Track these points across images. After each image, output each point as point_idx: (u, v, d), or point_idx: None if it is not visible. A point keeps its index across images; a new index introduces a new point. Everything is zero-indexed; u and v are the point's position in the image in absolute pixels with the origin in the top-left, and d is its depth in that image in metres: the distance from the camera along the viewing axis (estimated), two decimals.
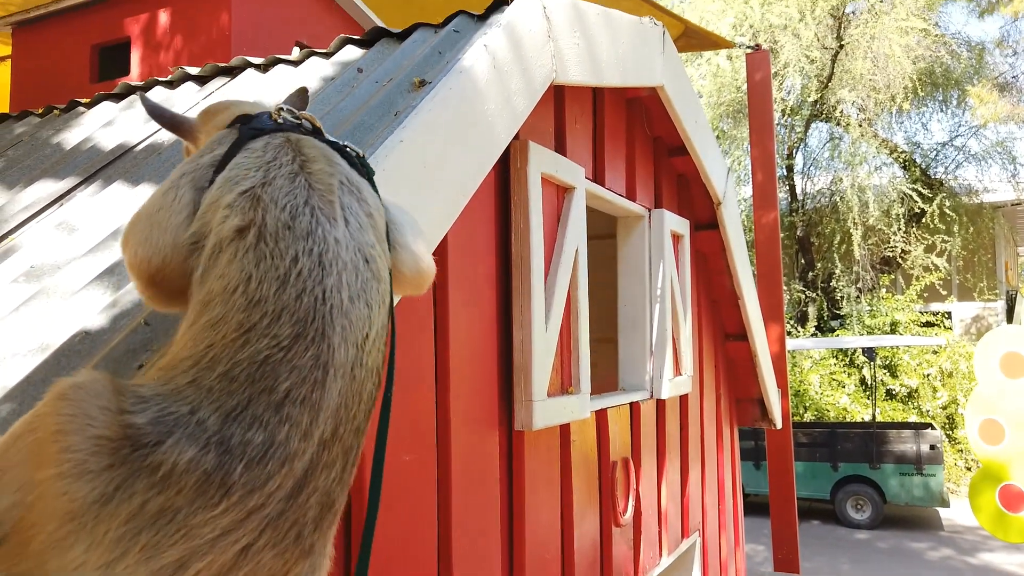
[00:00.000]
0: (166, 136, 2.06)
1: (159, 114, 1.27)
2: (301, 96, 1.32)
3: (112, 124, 2.33)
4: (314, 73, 2.12)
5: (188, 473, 0.85)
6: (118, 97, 2.55)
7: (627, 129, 3.16)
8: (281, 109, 1.19)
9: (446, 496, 1.92)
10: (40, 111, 2.73)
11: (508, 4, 1.96)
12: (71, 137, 2.35)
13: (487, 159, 1.75)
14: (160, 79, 2.51)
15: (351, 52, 2.18)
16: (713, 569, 4.10)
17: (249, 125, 1.16)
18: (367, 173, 1.19)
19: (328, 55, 2.23)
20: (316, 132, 1.18)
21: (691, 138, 3.29)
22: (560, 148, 2.55)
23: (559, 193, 2.46)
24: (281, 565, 0.93)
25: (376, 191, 1.18)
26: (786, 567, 6.22)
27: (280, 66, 2.28)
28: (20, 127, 2.67)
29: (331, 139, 1.18)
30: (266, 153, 1.09)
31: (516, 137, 2.25)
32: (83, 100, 2.62)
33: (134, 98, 2.49)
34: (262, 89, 2.16)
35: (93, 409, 0.87)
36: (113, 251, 1.50)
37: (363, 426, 1.01)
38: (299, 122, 1.18)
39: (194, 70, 2.45)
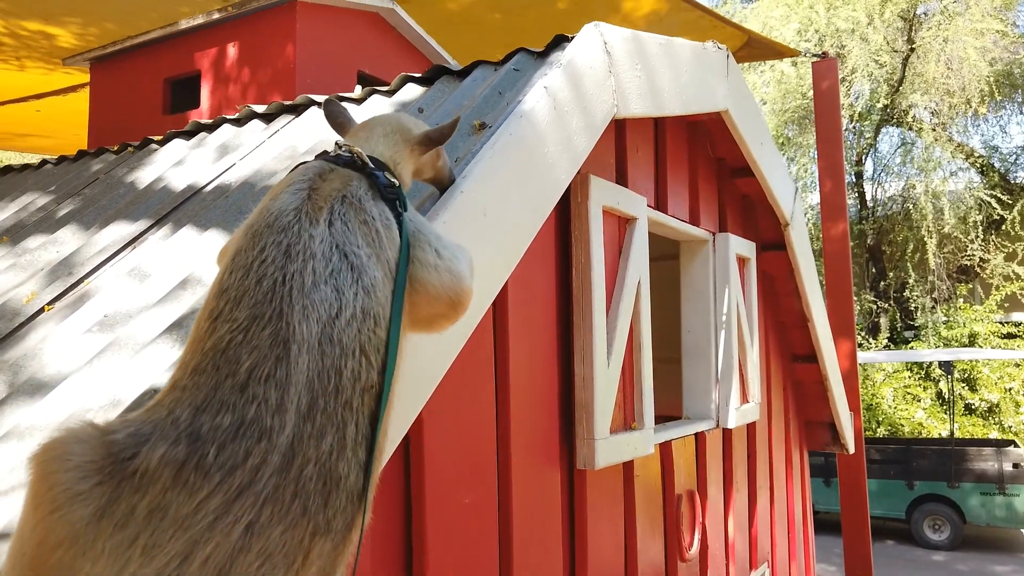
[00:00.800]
0: (233, 176, 2.10)
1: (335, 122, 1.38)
2: (452, 126, 1.35)
3: (182, 163, 2.39)
4: (375, 111, 2.13)
5: (161, 468, 0.88)
6: (188, 135, 2.62)
7: (689, 153, 3.11)
8: (337, 144, 1.23)
9: (507, 538, 1.90)
10: (116, 148, 2.83)
11: (568, 40, 1.94)
12: (144, 176, 2.42)
13: (547, 202, 1.73)
14: (228, 117, 2.57)
15: (412, 91, 2.19)
16: None
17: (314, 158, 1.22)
18: (397, 203, 1.20)
19: (390, 93, 2.24)
20: (362, 166, 1.21)
21: (756, 160, 3.21)
22: (621, 179, 2.51)
23: (620, 224, 2.43)
24: (297, 542, 0.93)
25: (398, 218, 1.19)
26: None
27: (344, 104, 2.30)
28: (97, 164, 2.77)
29: (372, 171, 1.20)
30: (292, 178, 1.15)
31: (577, 171, 2.23)
32: (156, 137, 2.70)
33: (203, 136, 2.55)
34: (325, 126, 2.19)
35: (73, 445, 0.90)
36: (181, 302, 1.53)
37: (357, 403, 1.01)
38: (351, 156, 1.21)
39: (260, 108, 2.50)
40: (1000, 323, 13.81)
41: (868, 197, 15.93)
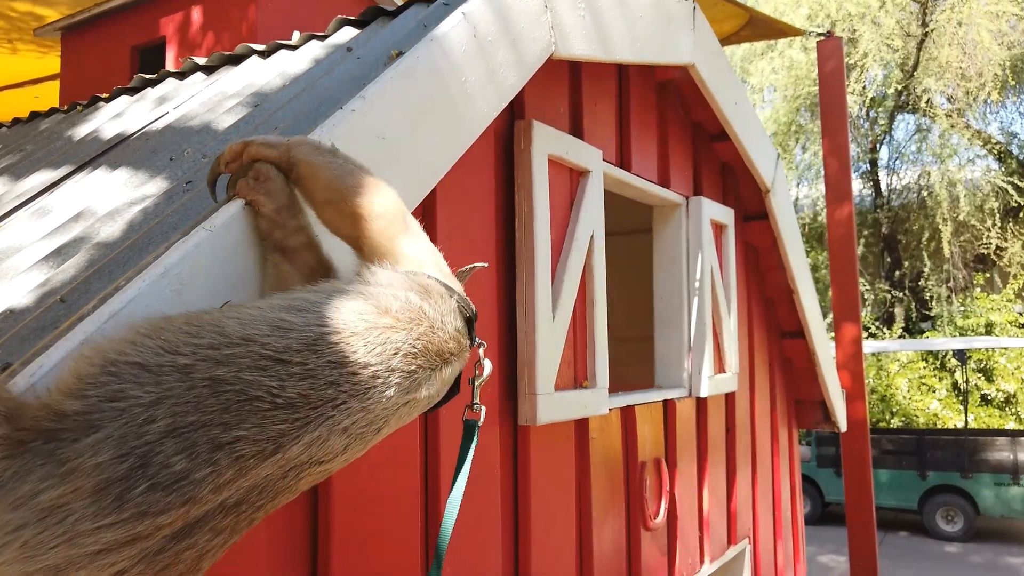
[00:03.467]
0: (161, 124, 2.04)
1: None
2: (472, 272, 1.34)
3: (120, 116, 2.33)
4: (308, 55, 2.06)
5: (90, 476, 0.79)
6: (134, 90, 2.57)
7: (659, 113, 3.01)
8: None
9: (434, 496, 1.82)
10: (66, 108, 2.78)
11: None
12: (82, 130, 2.36)
13: (465, 135, 1.64)
14: (172, 71, 2.51)
15: (347, 33, 2.11)
16: None
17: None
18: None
19: (324, 37, 2.17)
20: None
21: (730, 121, 3.11)
22: (576, 131, 2.42)
23: (572, 177, 2.33)
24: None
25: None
26: None
27: (281, 51, 2.23)
28: (45, 123, 2.72)
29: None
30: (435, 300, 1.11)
31: (521, 117, 2.14)
32: (103, 95, 2.65)
33: (147, 90, 2.49)
34: (261, 74, 2.12)
35: None
36: (68, 232, 1.46)
37: (253, 520, 0.94)
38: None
39: (202, 60, 2.43)
40: (1018, 312, 13.53)
41: (883, 185, 15.67)
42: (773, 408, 4.11)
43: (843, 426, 4.58)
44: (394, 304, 1.00)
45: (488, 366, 1.24)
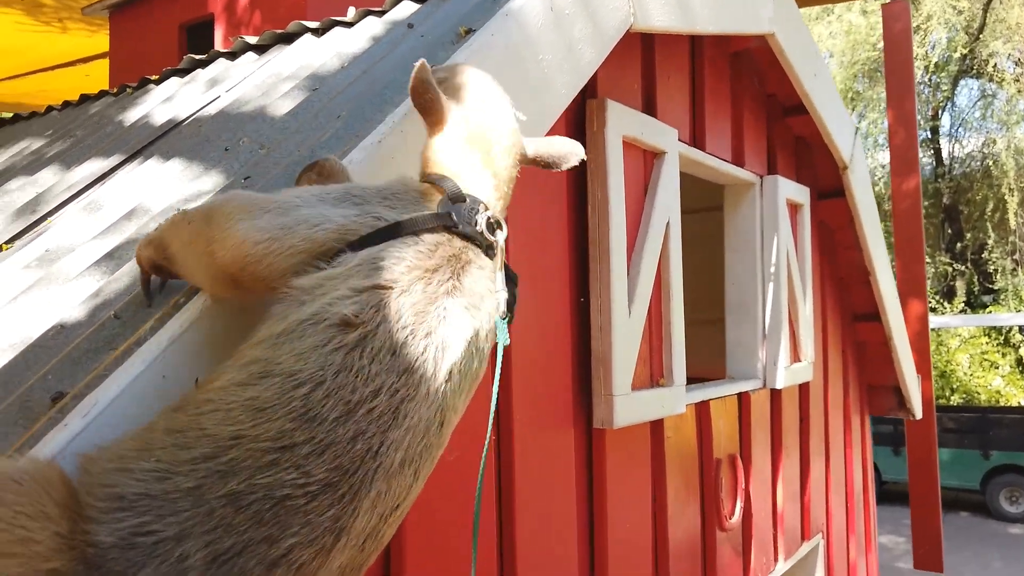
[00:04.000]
0: (214, 108, 1.93)
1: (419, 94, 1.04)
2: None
3: (171, 99, 2.23)
4: (365, 33, 1.92)
5: None
6: (184, 72, 2.46)
7: (733, 88, 2.81)
8: (490, 219, 0.99)
9: (508, 501, 1.70)
10: (115, 90, 2.69)
11: None
12: (133, 114, 2.26)
13: (542, 116, 1.49)
14: (222, 51, 2.39)
15: (406, 8, 1.97)
16: (839, 573, 3.71)
17: (447, 210, 0.96)
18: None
19: (382, 13, 2.03)
20: (490, 248, 1.00)
21: (809, 94, 2.89)
22: (650, 109, 2.25)
23: (647, 159, 2.17)
24: None
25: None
26: (928, 564, 5.67)
27: (336, 29, 2.10)
28: (96, 106, 2.64)
29: (507, 269, 1.02)
30: (431, 258, 0.91)
31: (593, 96, 1.98)
32: (153, 77, 2.55)
33: (197, 72, 2.38)
34: (316, 54, 1.99)
35: (35, 516, 0.69)
36: (122, 232, 1.35)
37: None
38: (490, 241, 0.99)
39: (253, 39, 2.31)
40: None
41: (944, 154, 15.07)
42: (846, 395, 3.91)
43: (918, 413, 4.36)
44: (349, 309, 0.83)
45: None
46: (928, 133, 14.70)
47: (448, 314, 0.88)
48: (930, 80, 14.17)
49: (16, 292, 1.30)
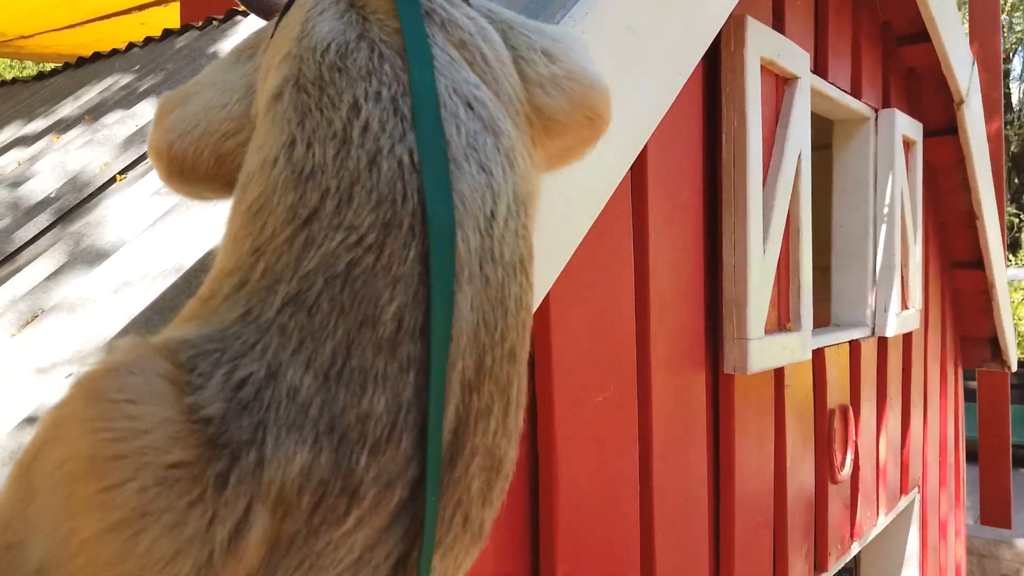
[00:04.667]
0: None
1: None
2: None
3: None
4: None
5: (301, 491, 0.54)
6: None
7: (853, 10, 2.60)
8: None
9: (646, 444, 1.60)
10: (200, 24, 2.58)
11: None
12: (225, 46, 2.16)
13: (706, 30, 1.34)
14: None
15: None
16: (932, 529, 3.58)
17: None
18: None
19: None
20: None
21: (935, 18, 2.67)
22: (779, 29, 2.07)
23: (778, 84, 2.00)
24: (453, 569, 0.64)
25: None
26: (995, 521, 5.53)
27: None
28: (181, 41, 2.54)
29: None
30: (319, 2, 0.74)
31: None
32: (240, 8, 2.43)
33: None
34: None
35: (151, 410, 0.54)
36: None
37: (519, 349, 0.66)
38: None
39: None
40: None
41: (1014, 100, 14.41)
42: (943, 346, 3.74)
43: (1014, 365, 4.16)
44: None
45: None
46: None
47: (365, 12, 0.74)
48: (1003, 20, 13.48)
49: (153, 219, 1.22)
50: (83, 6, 6.68)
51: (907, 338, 3.16)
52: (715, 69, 1.83)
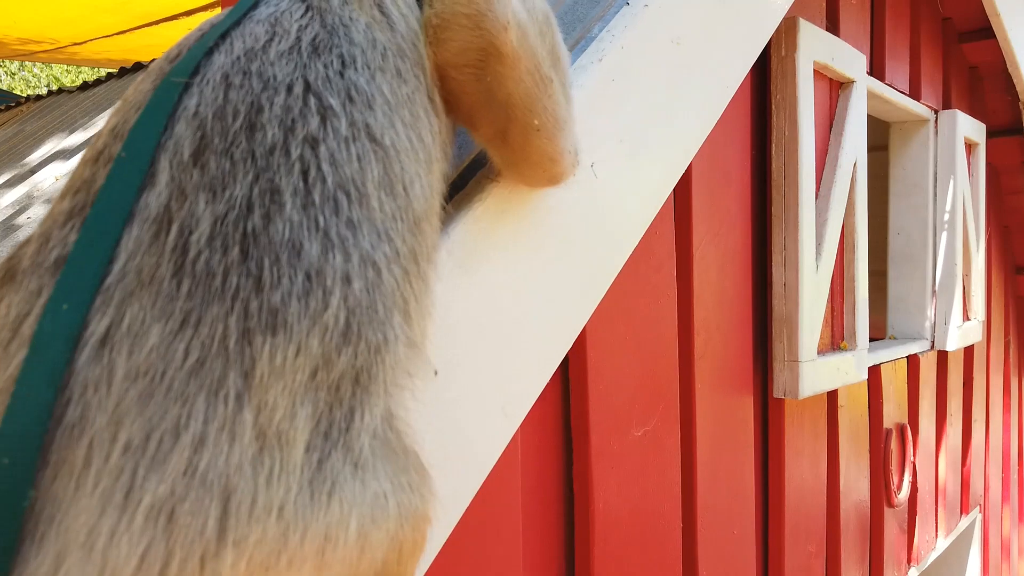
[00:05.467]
0: None
1: None
2: None
3: None
4: None
5: None
6: None
7: (911, 8, 2.46)
8: None
9: (689, 477, 1.51)
10: None
11: None
12: None
13: (757, 38, 1.25)
14: None
15: None
16: (994, 549, 3.40)
17: None
18: None
19: None
20: None
21: (999, 12, 2.52)
22: (833, 29, 1.96)
23: (832, 89, 1.89)
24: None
25: None
26: None
27: None
28: None
29: None
30: None
31: None
32: None
33: None
34: None
35: None
36: None
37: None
38: None
39: None
40: None
41: None
42: (1006, 356, 3.55)
43: None
44: None
45: None
46: None
47: None
48: None
49: None
50: (131, 11, 6.76)
51: (968, 350, 3.00)
52: (764, 75, 1.73)
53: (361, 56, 0.62)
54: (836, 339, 1.93)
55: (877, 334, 2.70)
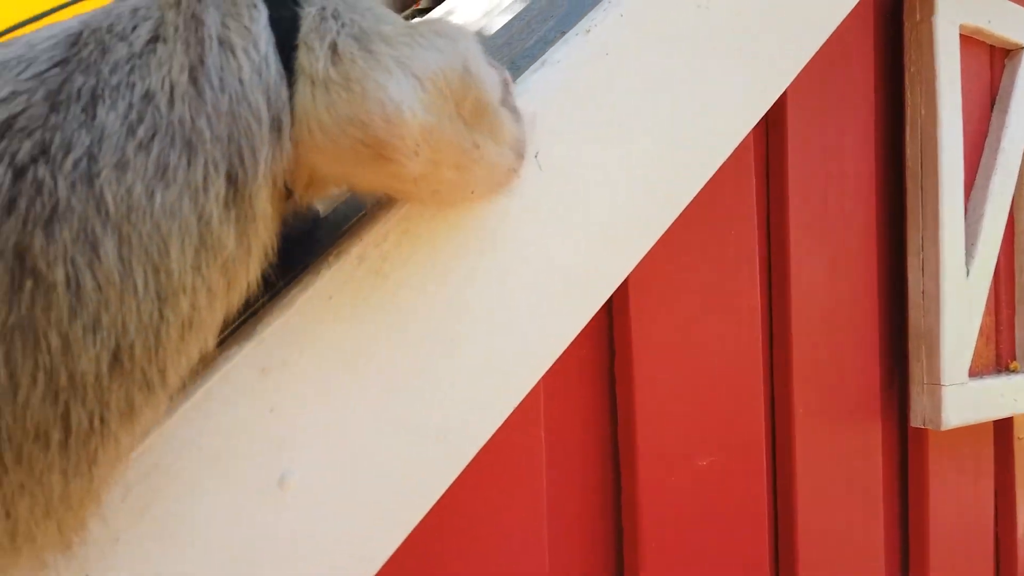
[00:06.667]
0: None
1: None
2: None
3: None
4: None
5: None
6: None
7: None
8: None
9: (788, 522, 1.29)
10: None
11: None
12: None
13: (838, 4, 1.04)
14: None
15: None
16: None
17: None
18: None
19: None
20: None
21: None
22: None
23: (993, 59, 1.57)
24: None
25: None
26: None
27: None
28: None
29: None
30: None
31: None
32: None
33: None
34: None
35: None
36: None
37: None
38: None
39: None
40: None
41: None
42: None
43: None
44: None
45: None
46: None
47: None
48: None
49: None
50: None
51: None
52: (897, 41, 1.46)
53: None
54: (1004, 358, 1.59)
55: None
